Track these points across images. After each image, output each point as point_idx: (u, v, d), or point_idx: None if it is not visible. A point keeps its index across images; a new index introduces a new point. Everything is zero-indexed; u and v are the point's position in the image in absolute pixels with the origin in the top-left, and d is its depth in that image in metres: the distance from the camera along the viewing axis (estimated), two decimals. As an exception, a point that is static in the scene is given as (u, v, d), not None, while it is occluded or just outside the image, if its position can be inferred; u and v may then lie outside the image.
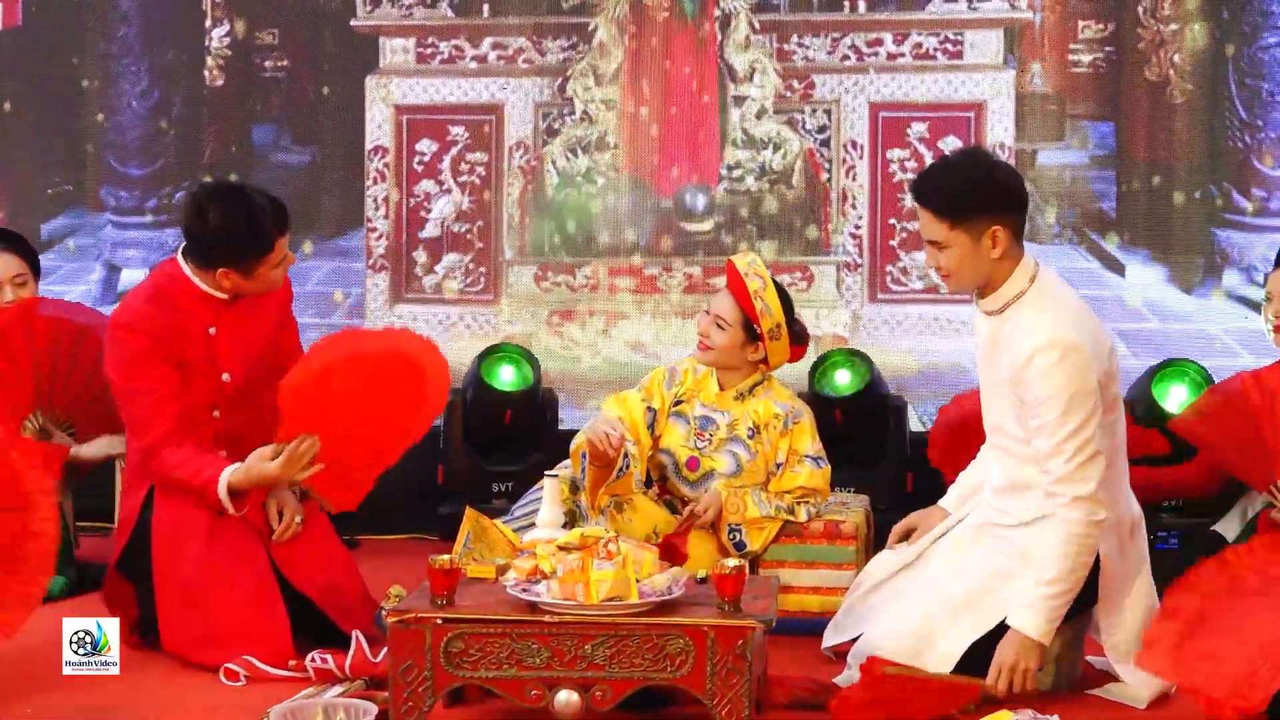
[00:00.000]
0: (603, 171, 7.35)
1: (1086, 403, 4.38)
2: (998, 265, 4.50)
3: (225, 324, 5.03)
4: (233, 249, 4.88)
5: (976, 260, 4.49)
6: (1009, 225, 4.50)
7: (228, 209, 4.86)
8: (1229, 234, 7.08)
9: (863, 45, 7.24)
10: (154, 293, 4.99)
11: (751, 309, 5.29)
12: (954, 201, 4.47)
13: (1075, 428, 4.37)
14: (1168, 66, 7.07)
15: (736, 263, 5.37)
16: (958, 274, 4.52)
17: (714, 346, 5.37)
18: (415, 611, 4.20)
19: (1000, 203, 4.50)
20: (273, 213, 4.89)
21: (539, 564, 4.28)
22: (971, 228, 4.47)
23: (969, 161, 4.61)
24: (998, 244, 4.48)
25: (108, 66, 7.53)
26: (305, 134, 7.51)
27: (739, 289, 5.33)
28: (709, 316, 5.38)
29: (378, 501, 6.48)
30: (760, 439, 5.42)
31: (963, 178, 4.50)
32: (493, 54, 7.39)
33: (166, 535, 4.95)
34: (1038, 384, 4.38)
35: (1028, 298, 4.50)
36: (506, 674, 4.18)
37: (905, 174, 7.21)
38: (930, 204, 4.51)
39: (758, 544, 5.32)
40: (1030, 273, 4.53)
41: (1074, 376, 4.37)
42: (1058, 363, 4.36)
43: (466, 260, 7.44)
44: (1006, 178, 4.58)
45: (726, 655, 4.12)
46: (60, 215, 7.64)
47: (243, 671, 4.74)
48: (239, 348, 5.04)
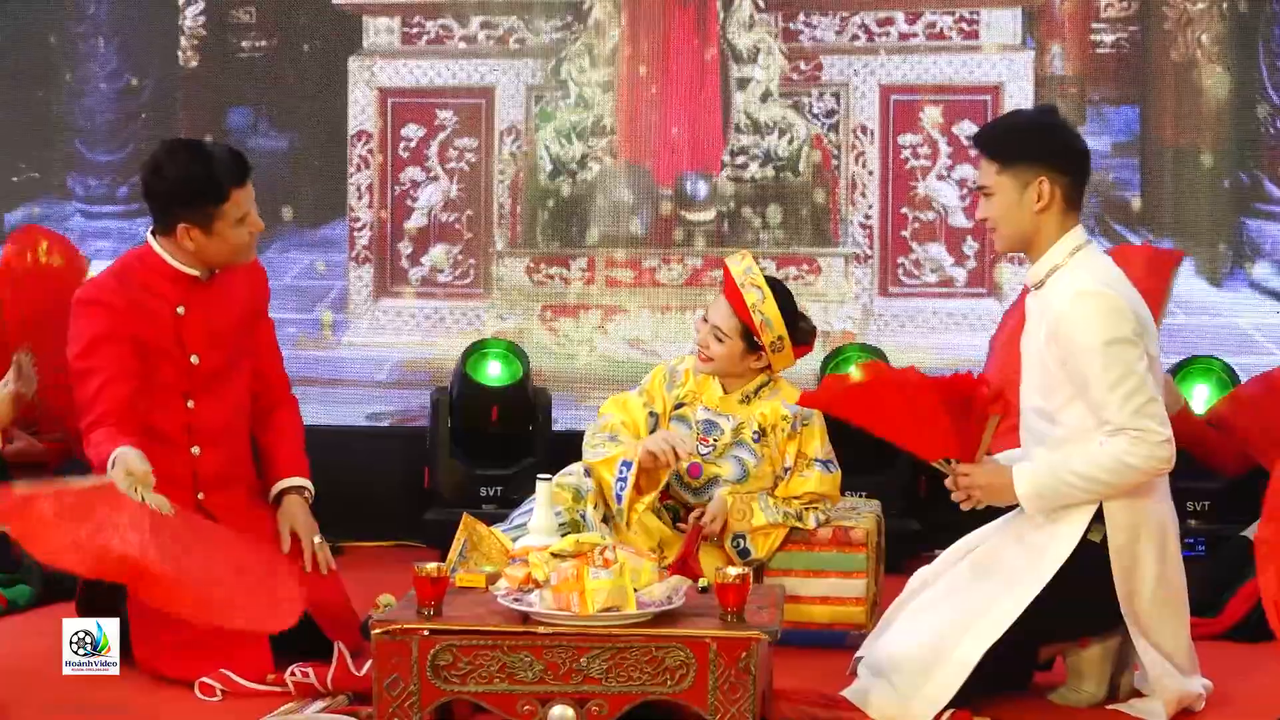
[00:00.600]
0: (599, 158, 7.30)
1: (1127, 351, 4.37)
2: (1040, 221, 4.52)
3: (194, 304, 5.01)
4: (188, 197, 4.89)
5: (1019, 213, 4.52)
6: (1059, 184, 4.51)
7: (183, 157, 4.94)
8: (1259, 224, 7.05)
9: (873, 25, 7.21)
10: (121, 269, 5.03)
11: (751, 323, 5.26)
12: (1005, 142, 4.56)
13: (1120, 374, 4.36)
14: (1195, 47, 7.02)
15: (732, 269, 5.32)
16: (1001, 225, 4.56)
17: (714, 358, 5.33)
18: (400, 622, 4.14)
19: (1052, 154, 4.53)
20: (230, 161, 4.93)
21: (531, 572, 4.21)
22: (1019, 174, 4.50)
23: (1035, 112, 4.81)
24: (1042, 198, 4.50)
25: (75, 47, 7.53)
26: (284, 118, 7.45)
27: (736, 300, 5.28)
28: (706, 325, 5.33)
29: (361, 506, 6.36)
30: (767, 442, 5.36)
31: (1022, 125, 4.61)
32: (482, 34, 7.34)
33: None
34: (1075, 335, 4.39)
35: (1068, 268, 4.51)
36: (497, 688, 4.12)
37: (917, 160, 7.20)
38: (983, 144, 4.61)
39: (763, 551, 5.27)
40: (1076, 244, 4.54)
41: (1109, 324, 4.37)
42: (1092, 311, 4.38)
43: (455, 251, 7.39)
44: (1067, 137, 4.60)
45: (729, 668, 4.06)
46: (25, 204, 7.56)
47: (219, 686, 4.69)
48: (208, 330, 5.02)
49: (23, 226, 6.67)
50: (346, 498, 6.26)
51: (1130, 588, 4.47)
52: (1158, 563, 4.49)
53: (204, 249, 4.95)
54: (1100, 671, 4.61)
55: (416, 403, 7.17)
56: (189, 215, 4.90)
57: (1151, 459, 4.37)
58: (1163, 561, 4.50)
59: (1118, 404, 4.36)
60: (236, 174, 4.90)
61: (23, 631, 5.11)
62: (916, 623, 4.60)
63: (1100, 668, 4.61)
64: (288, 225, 7.38)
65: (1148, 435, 4.36)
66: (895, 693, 4.48)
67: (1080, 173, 4.56)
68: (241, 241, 4.96)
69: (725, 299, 5.30)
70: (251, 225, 4.96)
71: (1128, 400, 4.35)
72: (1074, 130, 4.70)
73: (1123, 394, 4.35)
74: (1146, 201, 7.08)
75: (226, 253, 4.96)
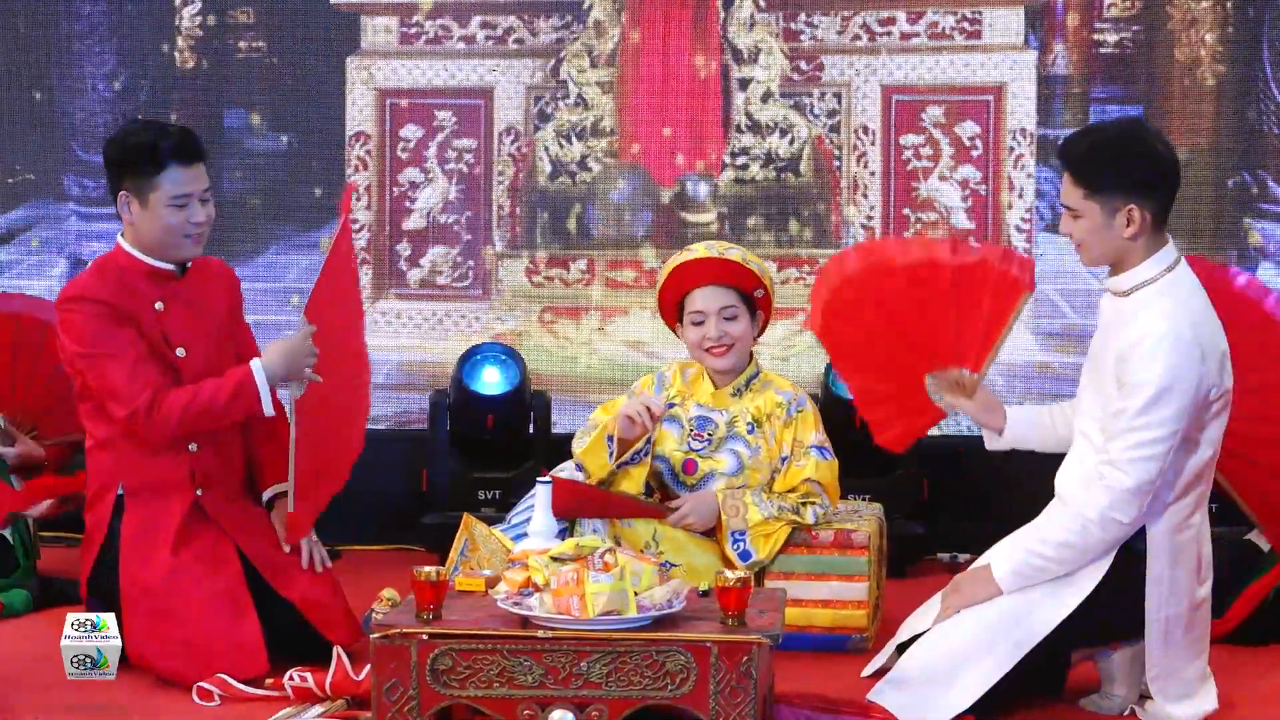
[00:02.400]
0: (599, 159, 7.29)
1: (1177, 402, 4.33)
2: (1129, 246, 4.47)
3: (172, 299, 5.03)
4: (130, 162, 4.97)
5: (1108, 236, 4.46)
6: (1148, 208, 4.45)
7: (137, 127, 5.10)
8: (1264, 225, 7.03)
9: (875, 24, 7.18)
10: (98, 270, 5.05)
11: (755, 279, 5.27)
12: (1093, 170, 4.46)
13: (1154, 420, 4.33)
14: (1199, 47, 7.01)
15: (701, 252, 5.33)
16: (1088, 246, 4.51)
17: (735, 341, 5.31)
18: (400, 626, 4.13)
19: (1141, 184, 4.45)
20: (179, 137, 5.00)
21: (531, 576, 4.18)
22: (1106, 201, 4.44)
23: (1122, 133, 4.60)
24: (1132, 224, 4.44)
25: (71, 47, 7.50)
26: (282, 119, 7.43)
27: (727, 269, 5.28)
28: (713, 317, 5.28)
29: (359, 510, 6.36)
30: (762, 432, 5.33)
31: (1109, 148, 4.48)
32: (481, 34, 7.33)
33: (134, 540, 4.92)
34: (1139, 368, 4.35)
35: (1157, 285, 4.46)
36: (497, 693, 4.10)
37: (919, 161, 7.18)
38: (1070, 167, 4.51)
39: (765, 553, 5.23)
40: (1167, 263, 4.49)
41: (1176, 371, 4.33)
42: (1168, 352, 4.33)
43: (454, 254, 7.37)
44: (1156, 160, 4.51)
45: (730, 672, 4.04)
46: (21, 206, 7.55)
47: (217, 691, 4.69)
48: (189, 323, 5.05)
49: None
50: (344, 501, 6.23)
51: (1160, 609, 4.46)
52: (1191, 588, 4.48)
53: (139, 227, 4.97)
54: (1130, 675, 4.60)
55: (415, 405, 7.17)
56: (130, 184, 4.95)
57: (1111, 511, 4.34)
58: (1196, 588, 4.49)
59: (1126, 444, 4.34)
60: (181, 151, 4.94)
61: (21, 635, 5.12)
62: (953, 625, 4.57)
63: (1130, 671, 4.60)
64: (287, 226, 7.36)
65: (1118, 484, 4.33)
66: (916, 696, 4.47)
67: (1170, 190, 4.51)
68: (174, 225, 4.95)
69: (711, 283, 5.28)
70: (191, 214, 4.96)
71: (1136, 447, 4.33)
72: (1164, 145, 4.60)
73: (1138, 439, 4.33)
74: (1150, 201, 7.09)
75: (158, 233, 4.96)
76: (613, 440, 5.14)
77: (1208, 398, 4.38)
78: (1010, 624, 4.46)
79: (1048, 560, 4.43)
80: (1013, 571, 4.46)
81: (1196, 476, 4.45)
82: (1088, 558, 4.42)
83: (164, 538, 4.89)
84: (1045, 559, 4.43)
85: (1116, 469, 4.34)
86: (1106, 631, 4.54)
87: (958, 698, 4.44)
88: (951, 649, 4.49)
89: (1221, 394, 4.43)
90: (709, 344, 5.29)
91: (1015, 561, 4.47)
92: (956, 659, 4.47)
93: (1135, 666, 4.60)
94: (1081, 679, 4.67)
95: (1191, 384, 4.33)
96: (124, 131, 5.07)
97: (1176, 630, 4.46)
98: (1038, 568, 4.44)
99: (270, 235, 7.30)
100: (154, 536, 4.90)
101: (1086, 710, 4.62)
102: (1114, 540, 4.39)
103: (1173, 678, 4.49)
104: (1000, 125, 7.09)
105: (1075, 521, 4.39)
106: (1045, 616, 4.44)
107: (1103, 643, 4.58)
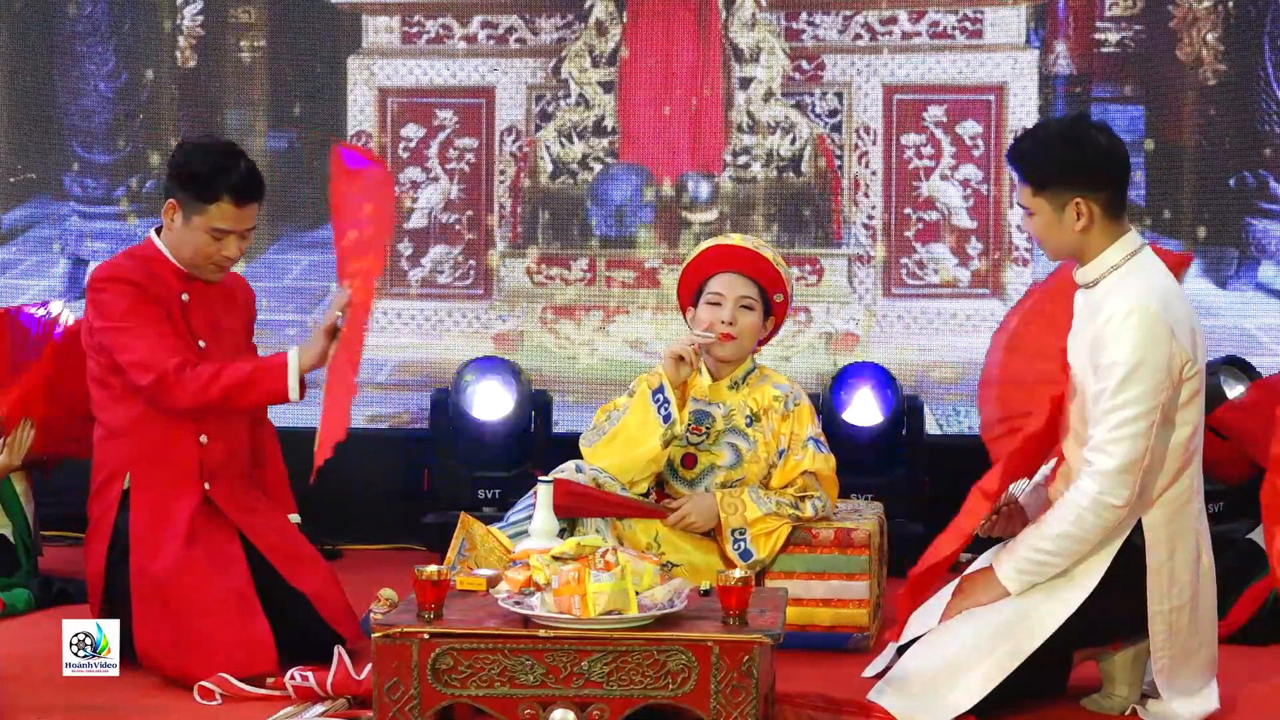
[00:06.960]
0: (600, 158, 7.31)
1: (1150, 377, 4.36)
2: (1084, 239, 4.51)
3: (197, 294, 5.09)
4: (187, 178, 4.99)
5: (1061, 231, 4.52)
6: (1097, 200, 4.49)
7: (212, 148, 5.09)
8: (1265, 224, 7.04)
9: (876, 24, 7.21)
10: (129, 254, 5.13)
11: (780, 283, 5.31)
12: (1038, 167, 4.52)
13: (1130, 398, 4.35)
14: (1201, 46, 7.03)
15: (737, 240, 5.37)
16: (1045, 242, 4.59)
17: (741, 332, 5.31)
18: (401, 626, 4.12)
19: (1086, 177, 4.50)
20: (242, 178, 4.99)
21: (532, 575, 4.18)
22: (1054, 197, 4.50)
23: (1063, 129, 4.61)
24: (1082, 216, 4.49)
25: (73, 46, 7.50)
26: (283, 118, 7.45)
27: (756, 263, 5.29)
28: (728, 301, 5.28)
29: (360, 509, 6.31)
30: (759, 426, 5.34)
31: (1050, 145, 4.54)
32: (483, 33, 7.35)
33: (142, 534, 4.93)
34: (1111, 346, 4.39)
35: (1121, 270, 4.50)
36: (498, 692, 4.09)
37: (921, 160, 7.20)
38: (1018, 166, 4.58)
39: (765, 552, 5.23)
40: (1129, 249, 4.52)
41: (1146, 345, 4.36)
42: (1135, 327, 4.36)
43: (455, 253, 7.38)
44: (1099, 152, 4.54)
45: (731, 671, 4.04)
46: (22, 205, 7.55)
47: (218, 690, 4.69)
48: (211, 318, 5.11)
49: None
50: (345, 500, 6.24)
51: (1162, 601, 4.46)
52: (1192, 578, 4.48)
53: (175, 238, 5.02)
54: (1132, 675, 4.61)
55: (416, 405, 7.16)
56: (180, 197, 4.98)
57: (1104, 496, 4.35)
58: (1197, 577, 4.50)
59: (1107, 425, 4.36)
60: (239, 190, 4.96)
61: (21, 635, 5.14)
62: (955, 626, 4.57)
63: (1132, 671, 4.61)
64: (287, 226, 7.36)
65: (1104, 466, 4.34)
66: (917, 696, 4.47)
67: (1118, 180, 4.54)
68: (206, 252, 5.00)
69: (738, 271, 5.29)
70: (224, 248, 5.00)
71: (1117, 427, 4.34)
72: (1107, 137, 4.61)
73: (1118, 419, 4.35)
74: (1151, 201, 7.07)
75: (188, 253, 5.01)
76: (662, 392, 5.14)
77: (1181, 374, 4.39)
78: (1012, 625, 4.46)
79: (1048, 554, 4.43)
80: (1016, 570, 4.47)
81: (1184, 460, 4.45)
82: (1087, 546, 4.42)
83: (174, 529, 4.91)
84: (1046, 553, 4.43)
85: (1101, 452, 4.35)
86: (1108, 630, 4.53)
87: (959, 698, 4.43)
88: (953, 650, 4.49)
89: (1195, 372, 4.43)
90: (719, 327, 5.28)
91: (1017, 560, 4.48)
92: (958, 660, 4.47)
93: (1136, 666, 4.60)
94: (1082, 679, 4.66)
95: (1163, 359, 4.35)
96: (196, 147, 5.10)
97: (1180, 621, 4.46)
98: (1040, 563, 4.44)
99: (270, 235, 7.29)
100: (164, 529, 4.91)
101: (1088, 710, 4.61)
102: (1110, 525, 4.39)
103: (1178, 671, 4.49)
104: (1002, 124, 7.11)
105: (1069, 511, 4.39)
106: (1047, 617, 4.44)
107: (1104, 642, 4.57)
